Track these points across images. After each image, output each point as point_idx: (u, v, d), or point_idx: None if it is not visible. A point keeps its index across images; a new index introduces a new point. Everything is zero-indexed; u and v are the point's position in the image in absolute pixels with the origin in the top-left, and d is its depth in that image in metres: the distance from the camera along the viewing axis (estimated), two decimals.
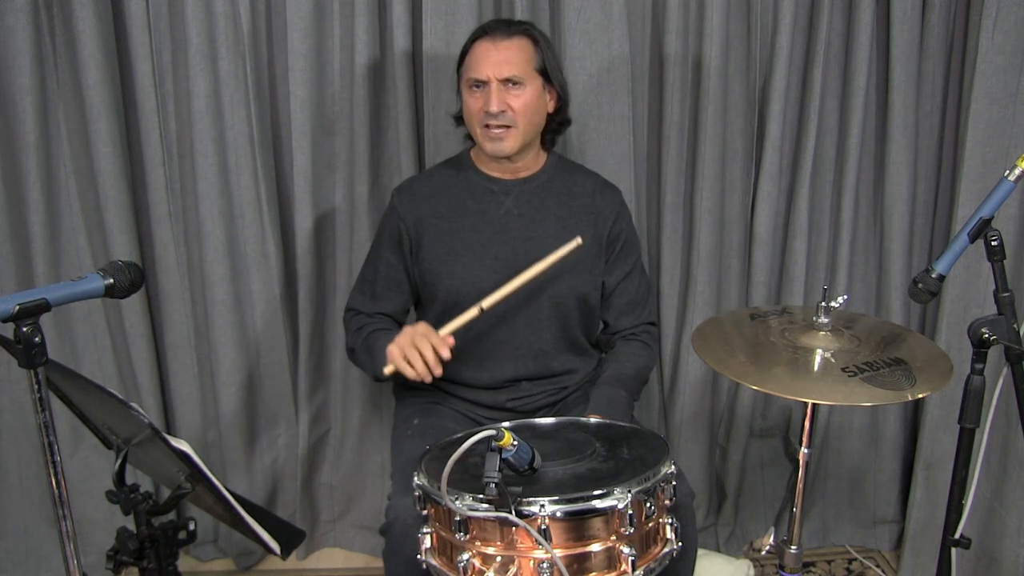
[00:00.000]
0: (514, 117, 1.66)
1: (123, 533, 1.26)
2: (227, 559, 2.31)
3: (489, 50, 1.66)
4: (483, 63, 1.65)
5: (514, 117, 1.66)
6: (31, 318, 1.08)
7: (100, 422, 1.29)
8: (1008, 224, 1.95)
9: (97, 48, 1.88)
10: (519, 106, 1.66)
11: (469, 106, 1.69)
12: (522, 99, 1.66)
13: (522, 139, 1.69)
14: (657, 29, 2.06)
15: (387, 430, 2.22)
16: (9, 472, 2.12)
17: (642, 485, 1.23)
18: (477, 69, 1.66)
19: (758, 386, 1.34)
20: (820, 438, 2.30)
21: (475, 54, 1.67)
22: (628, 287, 1.83)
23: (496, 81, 1.64)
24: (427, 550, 1.30)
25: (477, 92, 1.67)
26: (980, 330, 1.36)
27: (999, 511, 1.99)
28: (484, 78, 1.65)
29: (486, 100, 1.65)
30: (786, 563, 1.57)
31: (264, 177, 2.02)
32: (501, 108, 1.64)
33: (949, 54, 2.11)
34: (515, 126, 1.66)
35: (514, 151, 1.69)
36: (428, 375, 1.53)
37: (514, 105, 1.65)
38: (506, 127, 1.66)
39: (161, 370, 2.18)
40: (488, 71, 1.64)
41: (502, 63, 1.64)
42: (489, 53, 1.66)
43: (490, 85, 1.64)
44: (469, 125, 1.72)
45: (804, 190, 2.12)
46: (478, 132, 1.69)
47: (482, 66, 1.65)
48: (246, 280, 2.09)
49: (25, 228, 1.98)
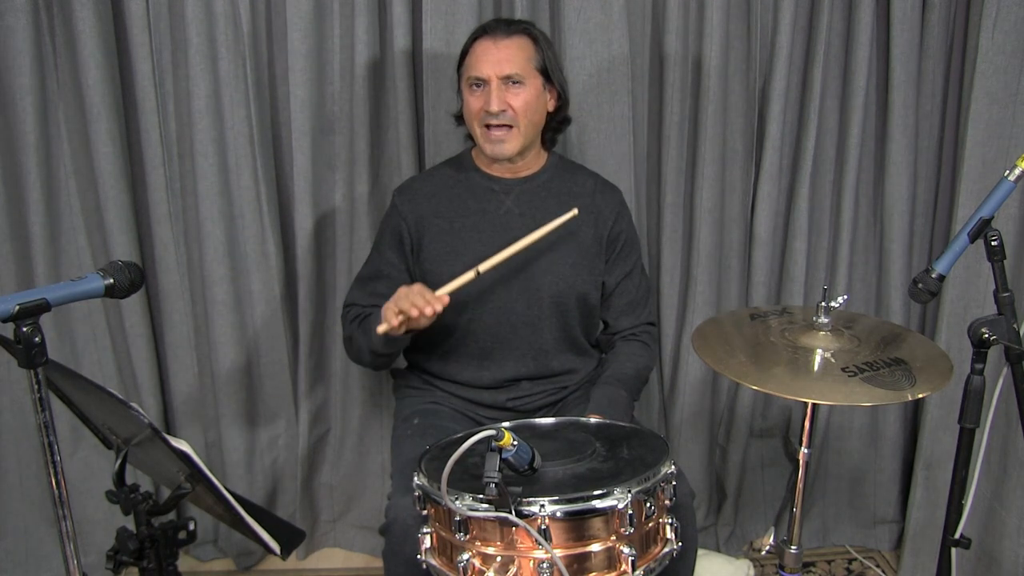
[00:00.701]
0: (514, 116, 1.66)
1: (123, 533, 1.26)
2: (227, 559, 2.31)
3: (489, 48, 1.66)
4: (483, 62, 1.65)
5: (514, 116, 1.66)
6: (31, 318, 1.08)
7: (100, 422, 1.29)
8: (1008, 224, 1.95)
9: (97, 48, 1.88)
10: (519, 105, 1.66)
11: (469, 105, 1.69)
12: (522, 97, 1.66)
13: (523, 139, 1.69)
14: (657, 29, 2.06)
15: (387, 430, 2.22)
16: (9, 472, 2.12)
17: (642, 485, 1.23)
18: (477, 68, 1.66)
19: (758, 386, 1.34)
20: (820, 438, 2.30)
21: (475, 53, 1.67)
22: (628, 287, 1.83)
23: (496, 80, 1.64)
24: (427, 550, 1.30)
25: (477, 91, 1.67)
26: (980, 330, 1.36)
27: (999, 511, 1.99)
28: (484, 76, 1.65)
29: (486, 99, 1.65)
30: (786, 563, 1.57)
31: (264, 177, 2.02)
32: (502, 107, 1.64)
33: (949, 54, 2.11)
34: (516, 125, 1.67)
35: (515, 152, 1.69)
36: (418, 313, 1.49)
37: (514, 104, 1.65)
38: (507, 127, 1.66)
39: (161, 370, 2.18)
40: (488, 70, 1.64)
41: (503, 61, 1.65)
42: (489, 52, 1.66)
43: (490, 84, 1.64)
44: (469, 125, 1.72)
45: (804, 190, 2.12)
46: (478, 133, 1.69)
47: (482, 65, 1.65)
48: (246, 280, 2.09)
49: (25, 228, 1.98)
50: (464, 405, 1.80)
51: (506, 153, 1.68)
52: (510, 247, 1.58)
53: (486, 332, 1.75)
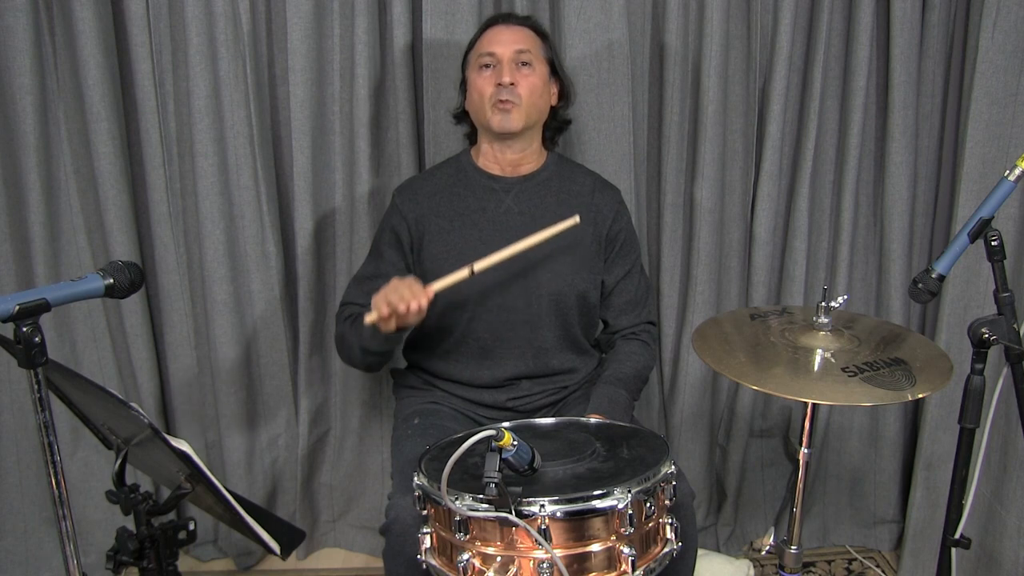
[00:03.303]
0: (520, 95, 1.68)
1: (123, 533, 1.26)
2: (227, 559, 2.31)
3: (502, 31, 1.72)
4: (496, 41, 1.70)
5: (520, 95, 1.68)
6: (31, 318, 1.08)
7: (100, 422, 1.29)
8: (1008, 224, 1.95)
9: (97, 48, 1.88)
10: (527, 86, 1.69)
11: (479, 87, 1.70)
12: (530, 80, 1.70)
13: (526, 118, 1.70)
14: (657, 28, 2.06)
15: (387, 430, 2.22)
16: (9, 472, 2.12)
17: (642, 485, 1.23)
18: (490, 45, 1.70)
19: (758, 386, 1.34)
20: (820, 438, 2.30)
21: (488, 35, 1.73)
22: (627, 286, 1.83)
23: (509, 56, 1.68)
24: (427, 550, 1.30)
25: (488, 72, 1.70)
26: (980, 330, 1.36)
27: (999, 511, 1.99)
28: (498, 53, 1.68)
29: (498, 75, 1.68)
30: (786, 563, 1.57)
31: (264, 177, 2.02)
32: (512, 80, 1.67)
33: (949, 54, 2.11)
34: (520, 104, 1.68)
35: (519, 127, 1.70)
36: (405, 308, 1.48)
37: (522, 84, 1.68)
38: (514, 104, 1.68)
39: (161, 370, 2.18)
40: (502, 47, 1.69)
41: (516, 40, 1.70)
42: (503, 32, 1.72)
43: (502, 61, 1.68)
44: (477, 109, 1.73)
45: (804, 190, 2.12)
46: (487, 109, 1.70)
47: (495, 43, 1.70)
48: (246, 280, 2.09)
49: (25, 228, 1.98)
50: (464, 405, 1.80)
51: (513, 125, 1.69)
52: (508, 248, 1.58)
53: (486, 331, 1.75)
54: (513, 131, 1.70)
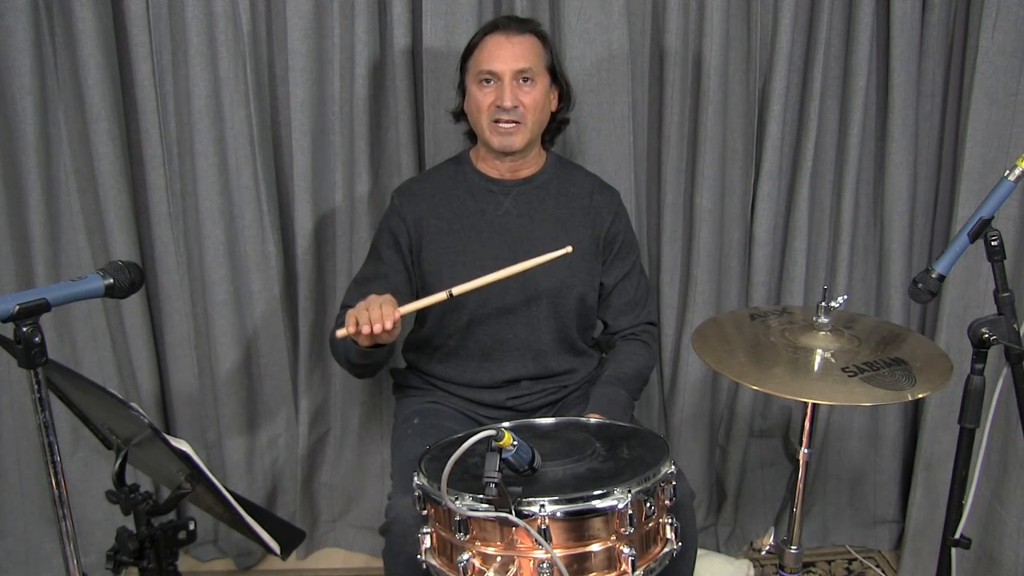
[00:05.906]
0: (524, 113, 1.66)
1: (123, 533, 1.26)
2: (227, 559, 2.31)
3: (503, 44, 1.66)
4: (496, 57, 1.65)
5: (524, 113, 1.66)
6: (31, 318, 1.08)
7: (100, 422, 1.29)
8: (1008, 224, 1.95)
9: (97, 48, 1.87)
10: (530, 102, 1.66)
11: (478, 100, 1.68)
12: (532, 95, 1.67)
13: (529, 135, 1.69)
14: (657, 29, 2.06)
15: (387, 430, 2.22)
16: (9, 472, 2.12)
17: (642, 485, 1.23)
18: (490, 62, 1.65)
19: (758, 386, 1.34)
20: (820, 438, 2.30)
21: (487, 47, 1.67)
22: (627, 287, 1.83)
23: (510, 75, 1.64)
24: (427, 550, 1.30)
25: (488, 87, 1.67)
26: (980, 330, 1.36)
27: (999, 511, 1.99)
28: (498, 71, 1.64)
29: (499, 95, 1.64)
30: (786, 563, 1.57)
31: (264, 177, 2.02)
32: (514, 103, 1.64)
33: (949, 54, 2.11)
34: (523, 123, 1.67)
35: (522, 145, 1.69)
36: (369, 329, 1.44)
37: (525, 101, 1.66)
38: (515, 123, 1.66)
39: (161, 370, 2.18)
40: (502, 65, 1.64)
41: (518, 57, 1.65)
42: (503, 47, 1.66)
43: (503, 79, 1.64)
44: (476, 120, 1.71)
45: (804, 190, 2.12)
46: (486, 127, 1.68)
47: (496, 60, 1.65)
48: (246, 280, 2.09)
49: (25, 228, 1.98)
50: (464, 405, 1.80)
51: (515, 146, 1.68)
52: (491, 274, 1.52)
53: (485, 332, 1.75)
54: (515, 150, 1.70)
